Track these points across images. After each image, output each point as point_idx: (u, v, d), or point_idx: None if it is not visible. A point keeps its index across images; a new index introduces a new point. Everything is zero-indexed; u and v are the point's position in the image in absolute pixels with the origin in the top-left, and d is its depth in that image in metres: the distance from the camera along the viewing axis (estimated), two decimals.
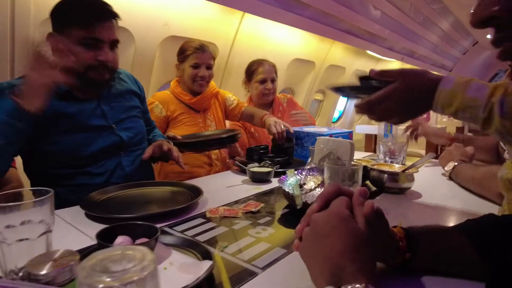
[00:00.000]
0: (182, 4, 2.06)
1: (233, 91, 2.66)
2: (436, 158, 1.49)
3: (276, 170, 1.27)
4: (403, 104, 0.69)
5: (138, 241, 0.60)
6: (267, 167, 1.29)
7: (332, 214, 0.48)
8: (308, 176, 1.05)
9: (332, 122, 4.35)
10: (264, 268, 0.61)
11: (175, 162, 1.25)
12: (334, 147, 1.11)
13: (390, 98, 0.69)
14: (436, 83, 0.66)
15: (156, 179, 1.45)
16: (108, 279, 0.30)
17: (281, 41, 2.85)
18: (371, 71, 0.73)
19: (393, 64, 4.88)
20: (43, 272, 0.41)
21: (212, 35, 2.34)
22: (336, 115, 4.40)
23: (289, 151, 1.52)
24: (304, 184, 1.01)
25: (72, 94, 1.10)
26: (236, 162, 1.39)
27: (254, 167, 1.28)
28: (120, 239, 0.61)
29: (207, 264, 0.57)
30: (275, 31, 2.71)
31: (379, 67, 4.54)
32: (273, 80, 2.09)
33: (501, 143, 1.33)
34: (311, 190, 0.97)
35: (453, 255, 0.55)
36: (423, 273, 0.57)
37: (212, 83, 1.87)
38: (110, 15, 1.09)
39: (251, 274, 0.59)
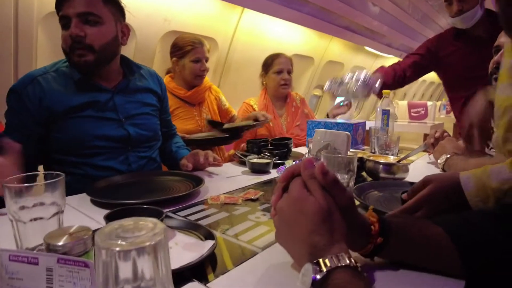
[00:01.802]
0: (182, 0, 2.08)
1: (232, 86, 2.69)
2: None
3: (274, 161, 1.30)
4: (439, 208, 0.69)
5: None
6: (266, 158, 1.32)
7: (291, 199, 0.49)
8: None
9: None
10: (264, 248, 0.64)
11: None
12: (331, 139, 1.15)
13: (426, 203, 0.69)
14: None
15: None
16: (123, 243, 0.34)
17: (280, 37, 2.87)
18: (404, 197, 0.75)
19: (392, 60, 4.91)
20: (61, 243, 0.44)
21: (211, 30, 2.36)
22: None
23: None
24: None
25: (87, 82, 1.11)
26: (237, 153, 1.43)
27: (254, 159, 1.32)
28: None
29: (209, 243, 0.61)
30: (274, 27, 2.74)
31: (378, 63, 4.57)
32: (289, 72, 2.12)
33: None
34: None
35: (429, 247, 0.53)
36: (396, 267, 0.55)
37: (206, 77, 1.92)
38: None
39: (251, 254, 0.62)
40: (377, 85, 1.74)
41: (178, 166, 1.30)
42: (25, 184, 0.56)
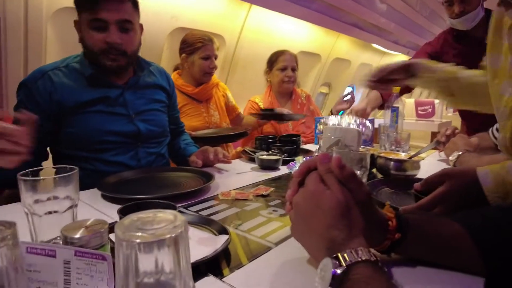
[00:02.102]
0: None
1: (239, 83, 2.69)
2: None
3: (284, 158, 1.30)
4: (456, 206, 0.67)
5: None
6: (275, 155, 1.32)
7: (307, 193, 0.49)
8: None
9: (339, 115, 4.36)
10: (277, 243, 0.64)
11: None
12: (341, 135, 1.14)
13: (443, 201, 0.68)
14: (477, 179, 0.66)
15: None
16: (144, 235, 0.33)
17: (288, 34, 2.86)
18: (415, 186, 0.74)
19: (399, 57, 4.87)
20: (78, 236, 0.44)
21: (219, 27, 2.36)
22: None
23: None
24: None
25: (98, 78, 1.11)
26: (246, 150, 1.43)
27: (263, 155, 1.31)
28: None
29: (223, 238, 0.60)
30: (281, 24, 2.73)
31: (385, 60, 4.54)
32: (293, 69, 2.12)
33: (492, 135, 1.34)
34: None
35: (447, 243, 0.52)
36: (413, 263, 0.54)
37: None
38: None
39: (265, 249, 0.62)
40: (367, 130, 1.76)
41: (186, 162, 1.30)
42: (40, 177, 0.56)
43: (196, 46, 1.75)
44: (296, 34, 2.96)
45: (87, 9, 1.04)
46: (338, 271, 0.39)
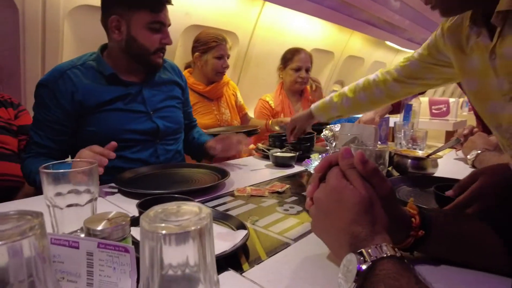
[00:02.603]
0: None
1: (251, 81, 2.68)
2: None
3: (298, 155, 1.29)
4: (491, 202, 0.65)
5: None
6: (290, 152, 1.31)
7: (329, 188, 0.48)
8: None
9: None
10: (296, 239, 0.63)
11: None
12: (358, 132, 1.12)
13: (480, 196, 0.65)
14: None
15: None
16: (170, 226, 0.33)
17: (300, 31, 2.84)
18: (448, 194, 0.71)
19: None
20: (100, 228, 0.44)
21: (232, 24, 2.35)
22: None
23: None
24: None
25: (117, 77, 1.12)
26: (260, 147, 1.42)
27: (277, 152, 1.30)
28: None
29: (242, 233, 0.60)
30: (294, 21, 2.71)
31: (398, 58, 4.47)
32: (307, 70, 2.09)
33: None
34: None
35: (473, 242, 0.51)
36: (437, 262, 0.53)
37: None
38: None
39: (283, 245, 0.61)
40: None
41: (200, 152, 1.30)
42: (61, 171, 0.56)
43: (210, 45, 1.75)
44: (309, 31, 2.94)
45: (149, 10, 1.07)
46: (363, 266, 0.38)
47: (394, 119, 2.15)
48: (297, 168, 1.22)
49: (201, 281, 0.35)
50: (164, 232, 0.33)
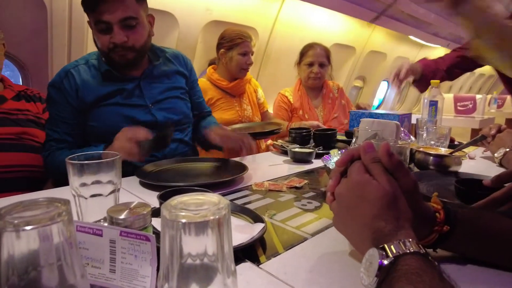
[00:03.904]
0: None
1: (271, 76, 2.68)
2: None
3: (317, 151, 1.28)
4: None
5: None
6: (308, 148, 1.30)
7: (352, 183, 0.47)
8: None
9: (372, 110, 4.25)
10: (313, 234, 0.63)
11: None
12: (379, 128, 1.10)
13: None
14: None
15: None
16: (190, 214, 0.34)
17: (321, 26, 2.81)
18: (485, 182, 0.68)
19: (438, 51, 4.64)
20: (122, 217, 0.46)
21: (252, 20, 2.35)
22: (375, 103, 4.29)
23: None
24: None
25: (112, 73, 1.14)
26: (278, 143, 1.42)
27: (296, 148, 1.30)
28: None
29: (259, 226, 0.61)
30: (314, 16, 2.68)
31: (422, 54, 4.34)
32: (322, 65, 2.06)
33: None
34: None
35: (499, 238, 0.49)
36: (463, 261, 0.52)
37: None
38: None
39: (301, 239, 0.61)
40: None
41: (207, 141, 1.28)
42: (86, 162, 0.58)
43: (236, 42, 1.78)
44: (330, 26, 2.90)
45: (90, 12, 1.07)
46: (385, 262, 0.38)
47: (416, 116, 2.09)
48: (315, 164, 1.21)
49: (219, 270, 0.36)
50: (184, 220, 0.34)
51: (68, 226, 0.34)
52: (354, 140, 1.13)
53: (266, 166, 1.20)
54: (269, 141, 1.99)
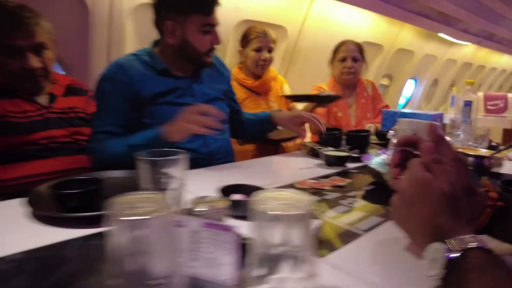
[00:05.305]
0: None
1: (300, 74, 2.69)
2: None
3: (353, 155, 1.24)
4: None
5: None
6: (342, 151, 1.26)
7: (415, 180, 0.49)
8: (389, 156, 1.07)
9: (398, 108, 4.20)
10: (367, 231, 0.66)
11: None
12: (417, 129, 1.11)
13: None
14: None
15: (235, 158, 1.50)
16: (280, 206, 0.38)
17: (349, 24, 2.80)
18: None
19: (468, 48, 4.52)
20: (204, 209, 0.50)
21: (282, 18, 2.38)
22: (401, 101, 4.23)
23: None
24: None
25: (169, 72, 1.19)
26: (308, 145, 1.38)
27: (329, 151, 1.25)
28: (235, 195, 0.70)
29: (315, 222, 0.64)
30: (344, 13, 2.67)
31: (451, 52, 4.24)
32: (355, 59, 2.02)
33: None
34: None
35: None
36: None
37: (271, 67, 1.94)
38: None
39: (355, 235, 0.64)
40: None
41: (265, 126, 1.38)
42: (158, 158, 0.63)
43: (249, 38, 1.81)
44: (358, 24, 2.88)
45: (202, 14, 1.13)
46: (453, 255, 0.40)
47: (449, 116, 2.07)
48: (351, 164, 1.20)
49: (303, 260, 0.40)
50: (276, 213, 0.38)
51: (167, 217, 0.39)
52: (393, 140, 1.14)
53: (296, 169, 1.18)
54: (299, 140, 2.00)
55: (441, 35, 3.70)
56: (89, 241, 0.61)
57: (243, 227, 0.49)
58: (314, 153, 1.32)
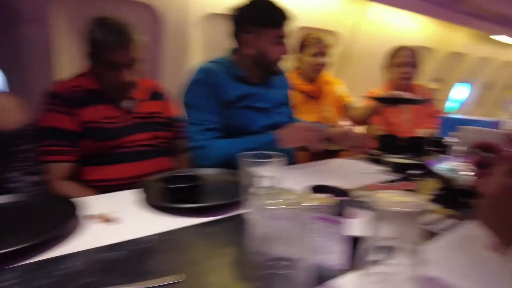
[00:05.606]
0: None
1: (353, 79, 2.73)
2: None
3: (416, 162, 1.26)
4: None
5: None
6: (405, 158, 1.29)
7: (502, 186, 0.54)
8: (457, 163, 1.11)
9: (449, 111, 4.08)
10: (441, 230, 0.73)
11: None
12: (485, 138, 1.14)
13: None
14: None
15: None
16: (403, 203, 0.47)
17: (401, 28, 2.80)
18: None
19: None
20: (315, 204, 0.59)
21: (335, 24, 2.44)
22: (450, 105, 4.11)
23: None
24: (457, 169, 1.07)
25: (245, 79, 1.32)
26: (371, 152, 1.41)
27: (393, 158, 1.29)
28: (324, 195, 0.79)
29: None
30: (395, 18, 2.68)
31: (506, 54, 4.05)
32: (412, 65, 2.04)
33: None
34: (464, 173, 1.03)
35: None
36: None
37: (325, 71, 2.00)
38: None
39: (432, 234, 0.72)
40: None
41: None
42: (256, 159, 0.74)
43: (305, 44, 1.89)
44: (411, 28, 2.87)
45: (275, 27, 1.24)
46: None
47: (502, 120, 2.02)
48: (414, 170, 1.21)
49: (411, 251, 0.48)
50: (395, 209, 0.46)
51: (303, 210, 0.49)
52: (457, 148, 1.17)
53: (357, 173, 1.23)
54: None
55: (494, 37, 3.56)
56: (205, 228, 0.74)
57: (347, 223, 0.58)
58: (374, 159, 1.37)
